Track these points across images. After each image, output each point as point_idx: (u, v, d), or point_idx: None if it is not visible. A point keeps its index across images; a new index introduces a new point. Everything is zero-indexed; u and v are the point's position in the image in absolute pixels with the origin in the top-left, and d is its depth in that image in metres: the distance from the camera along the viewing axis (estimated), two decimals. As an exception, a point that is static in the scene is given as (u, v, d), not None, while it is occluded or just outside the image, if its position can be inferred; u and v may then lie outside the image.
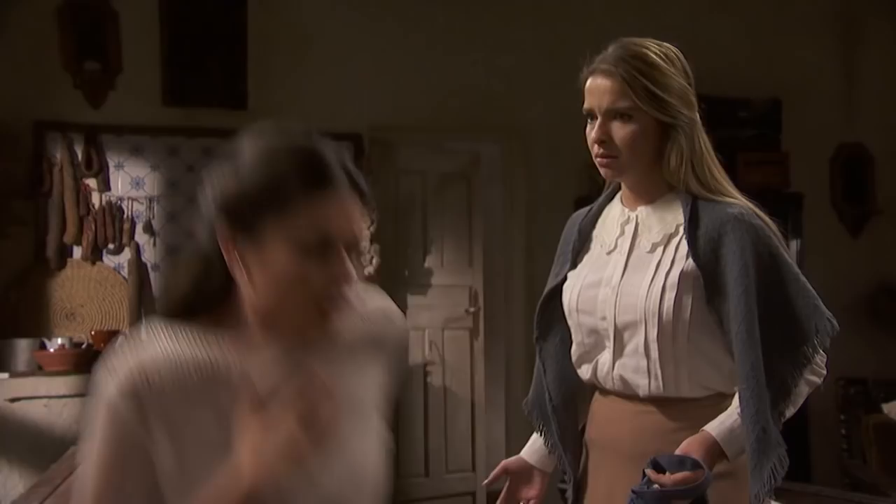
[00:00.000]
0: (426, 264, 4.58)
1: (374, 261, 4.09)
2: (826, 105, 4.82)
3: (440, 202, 4.64)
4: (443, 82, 4.29)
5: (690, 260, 1.45)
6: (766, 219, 1.49)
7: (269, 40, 4.05)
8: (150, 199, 3.87)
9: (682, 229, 1.48)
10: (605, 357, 1.54)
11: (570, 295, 1.58)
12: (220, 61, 3.98)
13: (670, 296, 1.44)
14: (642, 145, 1.48)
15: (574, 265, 1.62)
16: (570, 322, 1.59)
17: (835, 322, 1.45)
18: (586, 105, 1.51)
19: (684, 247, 1.47)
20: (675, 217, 1.50)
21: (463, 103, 4.29)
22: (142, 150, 3.88)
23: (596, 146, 1.50)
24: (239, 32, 4.01)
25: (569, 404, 1.64)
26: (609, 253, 1.56)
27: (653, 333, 1.45)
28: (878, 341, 4.66)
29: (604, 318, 1.52)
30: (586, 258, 1.61)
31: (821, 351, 1.45)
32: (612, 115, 1.47)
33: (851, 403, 3.45)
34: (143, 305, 3.78)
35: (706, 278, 1.44)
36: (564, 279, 1.62)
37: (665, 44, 1.51)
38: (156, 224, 3.87)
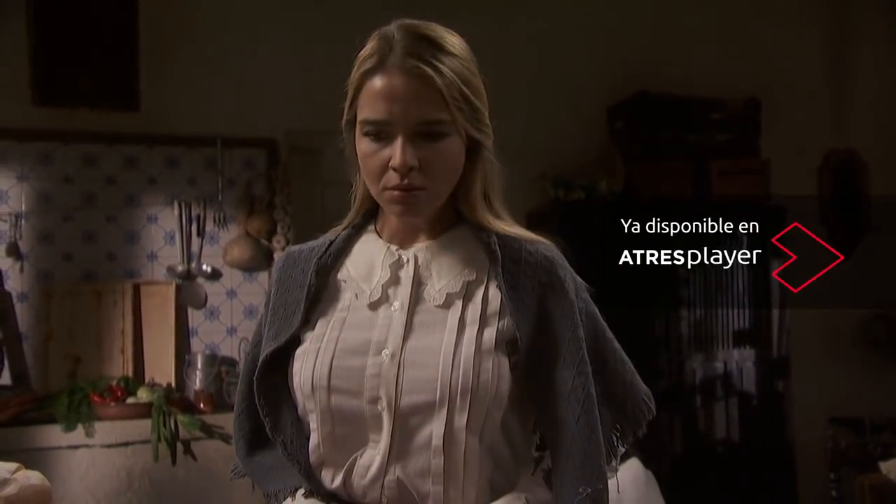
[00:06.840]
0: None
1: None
2: (812, 105, 4.37)
3: (375, 218, 4.13)
4: (375, 80, 3.74)
5: (508, 318, 1.14)
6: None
7: (166, 30, 3.48)
8: (17, 216, 3.27)
9: (487, 276, 1.17)
10: (371, 457, 1.13)
11: (312, 365, 1.14)
12: (104, 53, 3.39)
13: (487, 366, 1.10)
14: (455, 172, 1.16)
15: (309, 322, 1.18)
16: (308, 405, 1.15)
17: (652, 404, 1.21)
18: (373, 115, 1.11)
19: (496, 299, 1.15)
20: (473, 259, 1.18)
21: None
22: (5, 157, 3.29)
23: (395, 175, 1.11)
24: (129, 19, 3.42)
25: None
26: (374, 306, 1.17)
27: (461, 420, 1.09)
28: (876, 374, 4.23)
29: (375, 401, 1.12)
30: (332, 312, 1.19)
31: (626, 445, 1.20)
32: (418, 131, 1.11)
33: (844, 459, 2.93)
34: (5, 345, 3.16)
35: (529, 342, 1.13)
36: (295, 342, 1.18)
37: (450, 30, 1.17)
38: (23, 246, 3.28)
